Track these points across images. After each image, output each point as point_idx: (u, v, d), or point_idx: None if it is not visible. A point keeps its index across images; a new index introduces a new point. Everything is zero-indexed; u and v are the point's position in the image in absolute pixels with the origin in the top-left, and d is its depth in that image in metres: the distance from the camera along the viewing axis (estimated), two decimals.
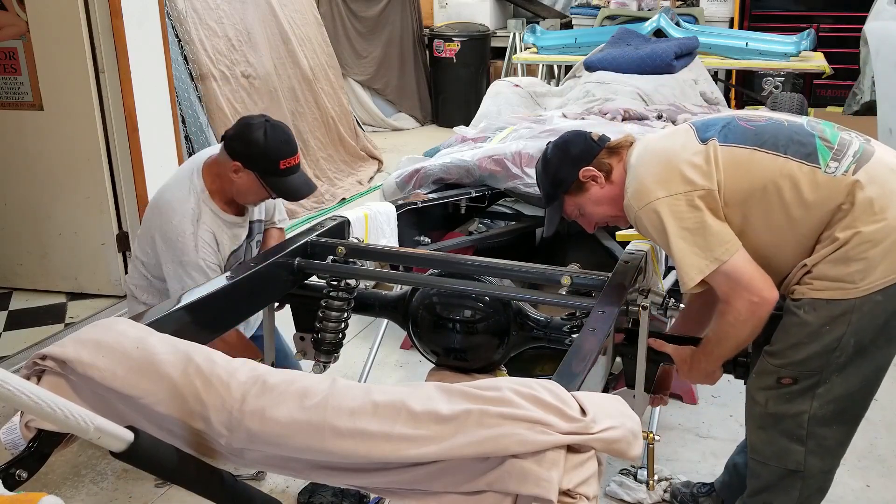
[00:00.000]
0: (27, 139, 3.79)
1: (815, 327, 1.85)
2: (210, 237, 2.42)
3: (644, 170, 1.92)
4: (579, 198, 2.11)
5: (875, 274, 1.79)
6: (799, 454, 1.95)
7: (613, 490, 2.57)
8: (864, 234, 1.78)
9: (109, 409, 1.29)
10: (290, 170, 2.38)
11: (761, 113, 2.02)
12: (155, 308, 1.76)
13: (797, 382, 1.91)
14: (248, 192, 2.42)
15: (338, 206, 5.59)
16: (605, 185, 2.06)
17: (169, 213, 2.43)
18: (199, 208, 2.42)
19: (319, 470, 1.26)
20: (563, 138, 2.17)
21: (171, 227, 2.41)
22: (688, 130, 1.97)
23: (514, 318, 2.12)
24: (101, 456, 2.73)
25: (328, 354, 2.29)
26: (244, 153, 2.35)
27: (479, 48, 8.23)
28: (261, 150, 2.34)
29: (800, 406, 1.92)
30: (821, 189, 1.81)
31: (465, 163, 3.36)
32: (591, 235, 3.41)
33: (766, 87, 7.45)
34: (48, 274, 3.99)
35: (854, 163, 1.83)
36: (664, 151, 1.93)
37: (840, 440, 1.97)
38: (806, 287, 1.86)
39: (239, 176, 2.38)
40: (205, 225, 2.41)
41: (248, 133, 2.35)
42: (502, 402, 1.17)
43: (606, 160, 2.07)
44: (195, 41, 4.82)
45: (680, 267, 1.86)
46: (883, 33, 4.90)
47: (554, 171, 2.12)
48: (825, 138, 1.88)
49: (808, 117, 2.00)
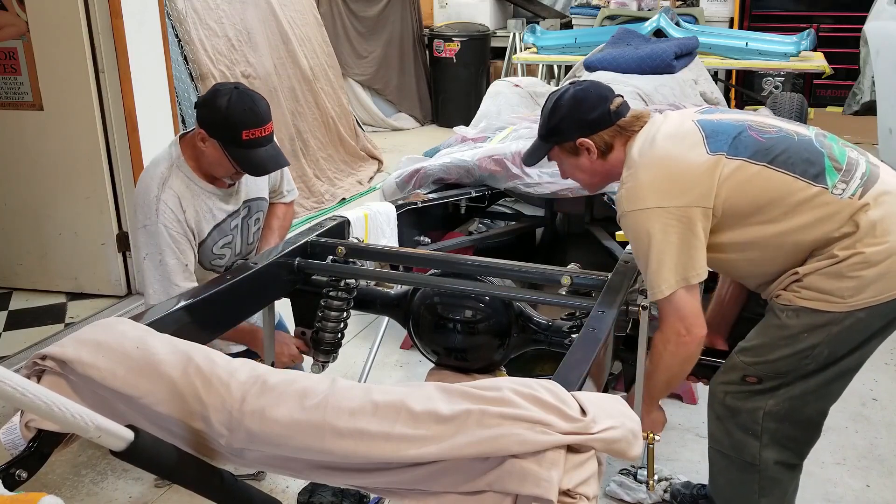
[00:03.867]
0: (27, 139, 3.79)
1: (794, 332, 1.87)
2: (175, 202, 2.28)
3: (644, 172, 1.90)
4: (566, 156, 2.11)
5: (865, 293, 1.80)
6: (754, 447, 1.98)
7: (613, 490, 2.57)
8: (864, 255, 1.78)
9: (109, 409, 1.29)
10: (254, 141, 2.22)
11: (771, 122, 1.99)
12: (155, 308, 1.76)
13: (761, 382, 1.94)
14: (215, 163, 2.28)
15: (338, 206, 5.59)
16: (596, 161, 2.05)
17: (141, 179, 2.36)
18: (169, 173, 2.31)
19: (319, 470, 1.26)
20: (585, 91, 2.06)
21: (139, 190, 2.33)
22: (696, 133, 1.92)
23: (515, 319, 2.12)
24: (101, 456, 2.73)
25: (327, 354, 2.29)
26: (207, 120, 2.23)
27: (479, 48, 8.23)
28: (222, 117, 2.19)
29: (756, 402, 1.96)
30: (826, 210, 1.81)
31: (465, 163, 3.36)
32: (592, 235, 3.43)
33: (766, 87, 7.45)
34: (48, 274, 3.99)
35: (861, 186, 1.83)
36: (668, 157, 1.90)
37: (792, 436, 1.99)
38: (793, 294, 1.87)
39: (206, 145, 2.25)
40: (171, 190, 2.28)
41: (214, 99, 2.22)
42: (502, 402, 1.17)
43: (609, 138, 2.03)
44: (195, 41, 4.82)
45: (653, 278, 1.86)
46: (883, 33, 4.90)
47: (557, 122, 2.07)
48: (833, 157, 1.87)
49: (815, 129, 1.98)
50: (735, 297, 2.26)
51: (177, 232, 2.29)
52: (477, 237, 3.64)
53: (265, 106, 2.28)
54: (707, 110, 2.07)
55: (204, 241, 2.39)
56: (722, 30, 6.92)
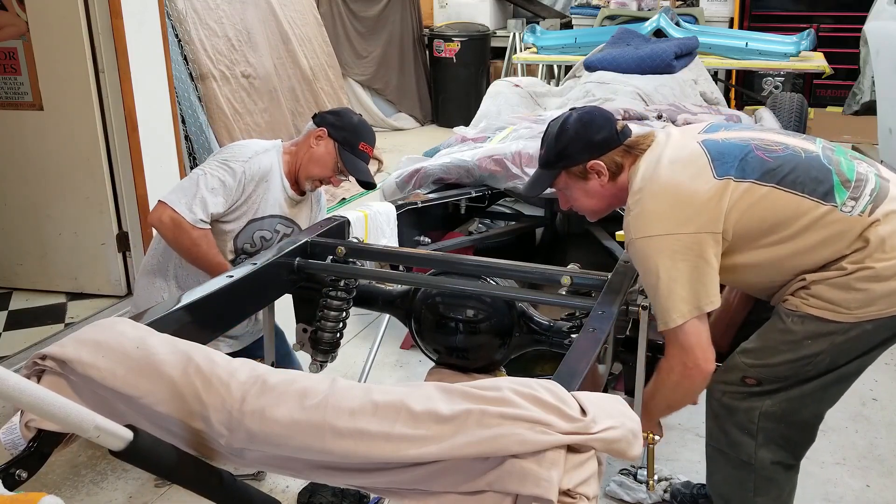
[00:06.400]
0: (27, 139, 3.79)
1: (798, 338, 1.86)
2: (257, 171, 2.49)
3: (650, 199, 1.86)
4: (575, 181, 2.04)
5: (873, 306, 1.79)
6: (750, 446, 1.98)
7: (613, 490, 2.57)
8: (874, 270, 1.77)
9: (109, 408, 1.28)
10: (363, 154, 2.60)
11: (776, 138, 1.95)
12: (155, 308, 1.76)
13: (759, 385, 1.93)
14: (319, 160, 2.56)
15: (338, 206, 5.58)
16: (606, 184, 2.01)
17: (239, 142, 2.68)
18: (271, 150, 2.57)
19: (319, 470, 1.25)
20: (591, 115, 2.03)
21: (234, 145, 2.61)
22: (701, 156, 1.87)
23: (517, 319, 2.12)
24: (100, 456, 2.73)
25: (325, 354, 2.30)
26: (334, 124, 2.59)
27: (479, 48, 8.23)
28: (353, 125, 2.60)
29: (753, 403, 1.95)
30: (836, 228, 1.80)
31: (465, 163, 3.36)
32: (592, 235, 3.43)
33: (766, 87, 7.46)
34: (48, 274, 3.99)
35: (871, 202, 1.81)
36: (673, 183, 1.85)
37: (788, 437, 1.98)
38: (800, 300, 1.86)
39: (319, 143, 2.57)
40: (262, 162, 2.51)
41: (346, 113, 2.66)
42: (502, 402, 1.16)
43: (619, 159, 1.99)
44: (195, 41, 4.82)
45: (663, 307, 1.82)
46: (883, 33, 4.90)
47: (565, 145, 2.01)
48: (842, 172, 1.84)
49: (822, 142, 1.95)
50: (743, 304, 2.24)
51: (240, 184, 2.46)
52: (477, 237, 3.64)
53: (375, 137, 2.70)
54: (711, 128, 2.02)
55: (256, 220, 2.55)
56: (722, 30, 6.93)
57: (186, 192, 2.40)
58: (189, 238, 2.37)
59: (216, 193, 2.41)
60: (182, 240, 2.39)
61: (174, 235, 2.39)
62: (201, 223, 2.39)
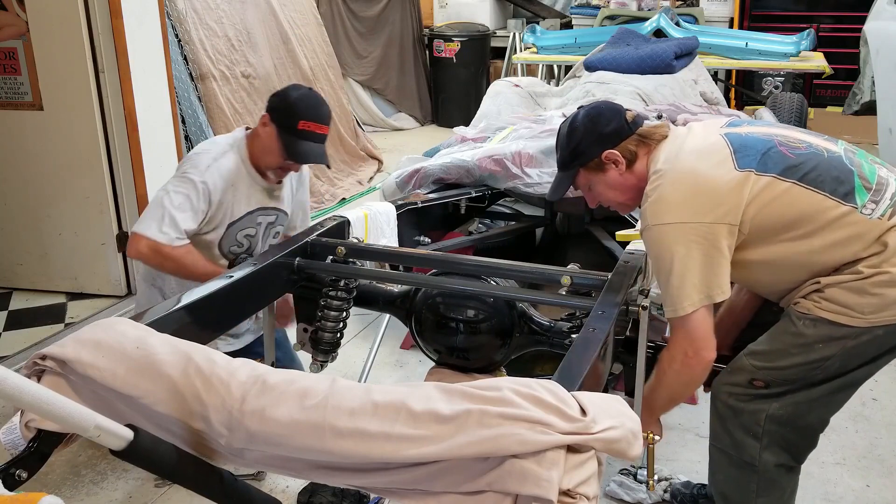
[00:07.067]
0: (27, 139, 3.79)
1: (809, 341, 1.85)
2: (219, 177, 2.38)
3: (669, 187, 1.85)
4: (594, 175, 2.04)
5: (886, 311, 1.79)
6: (754, 449, 1.97)
7: (613, 490, 2.57)
8: (891, 275, 1.77)
9: (109, 408, 1.28)
10: (307, 134, 2.38)
11: (799, 136, 1.94)
12: (155, 308, 1.76)
13: (767, 387, 1.92)
14: (266, 148, 2.44)
15: (338, 206, 5.59)
16: (625, 173, 2.00)
17: (200, 145, 2.54)
18: (228, 149, 2.46)
19: (319, 470, 1.25)
20: (598, 109, 2.05)
21: (194, 152, 2.49)
22: (724, 148, 1.87)
23: (517, 319, 2.12)
24: (101, 456, 2.73)
25: (325, 354, 2.30)
26: (274, 105, 2.43)
27: (479, 48, 8.23)
28: (286, 104, 2.40)
29: (759, 405, 1.94)
30: (854, 230, 1.79)
31: (465, 163, 3.36)
32: (592, 235, 3.43)
33: (766, 87, 7.46)
34: (48, 274, 3.99)
35: (891, 206, 1.81)
36: (694, 172, 1.85)
37: (792, 440, 1.98)
38: (812, 303, 1.85)
39: (265, 130, 2.42)
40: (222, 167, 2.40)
41: (287, 91, 2.46)
42: (502, 402, 1.16)
43: (634, 147, 1.99)
44: (195, 41, 4.82)
45: (675, 294, 1.82)
46: (883, 33, 4.90)
47: (577, 142, 2.02)
48: (863, 175, 1.84)
49: (844, 144, 1.95)
50: (749, 305, 2.23)
51: (204, 195, 2.37)
52: (477, 237, 3.64)
53: (328, 111, 2.48)
54: (734, 122, 2.02)
55: (234, 222, 2.48)
56: (722, 30, 6.93)
57: (154, 215, 2.33)
58: (172, 259, 2.32)
59: (183, 209, 2.34)
60: (166, 264, 2.35)
61: (158, 261, 2.34)
62: (178, 241, 2.32)
